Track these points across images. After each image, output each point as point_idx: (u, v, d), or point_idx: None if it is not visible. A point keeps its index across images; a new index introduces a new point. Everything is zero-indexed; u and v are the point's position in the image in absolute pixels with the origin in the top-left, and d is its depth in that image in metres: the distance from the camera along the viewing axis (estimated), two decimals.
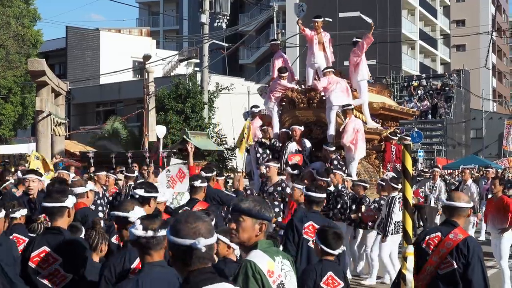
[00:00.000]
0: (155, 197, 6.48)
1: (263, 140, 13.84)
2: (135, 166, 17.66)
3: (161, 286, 4.09)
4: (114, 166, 18.75)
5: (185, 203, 8.71)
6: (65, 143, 25.34)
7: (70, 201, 5.47)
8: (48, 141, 21.39)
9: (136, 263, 4.72)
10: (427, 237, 5.86)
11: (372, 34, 14.37)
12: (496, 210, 11.15)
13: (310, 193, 7.30)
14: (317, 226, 7.00)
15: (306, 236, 7.10)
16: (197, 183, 8.54)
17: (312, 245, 6.83)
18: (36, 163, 14.36)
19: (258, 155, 13.70)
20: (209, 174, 10.49)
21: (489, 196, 13.79)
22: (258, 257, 3.94)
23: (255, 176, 13.79)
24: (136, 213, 4.99)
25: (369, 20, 14.76)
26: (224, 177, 14.31)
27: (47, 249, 5.29)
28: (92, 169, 16.66)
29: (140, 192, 6.40)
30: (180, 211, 7.66)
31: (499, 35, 69.89)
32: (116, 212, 5.12)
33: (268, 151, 13.70)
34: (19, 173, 9.89)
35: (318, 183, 11.45)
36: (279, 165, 12.30)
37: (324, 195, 7.55)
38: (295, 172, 11.06)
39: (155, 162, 19.82)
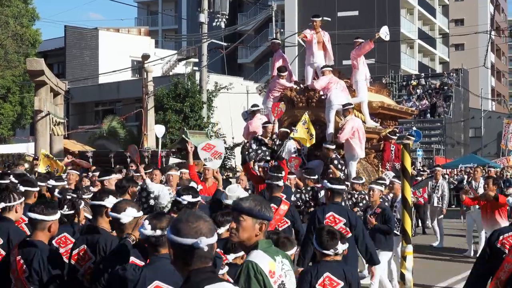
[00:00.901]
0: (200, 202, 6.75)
1: (260, 137, 13.75)
2: (132, 166, 17.64)
3: (164, 276, 4.24)
4: (112, 166, 18.75)
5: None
6: (64, 142, 25.34)
7: (109, 201, 5.50)
8: (46, 140, 21.41)
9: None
10: (501, 237, 5.99)
11: (374, 41, 14.44)
12: (491, 211, 11.16)
13: (332, 185, 7.93)
14: (337, 216, 7.76)
15: None
16: (281, 183, 9.02)
17: None
18: (46, 161, 14.37)
19: (251, 150, 13.60)
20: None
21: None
22: (259, 257, 3.93)
23: None
24: (127, 214, 5.00)
25: (385, 37, 14.70)
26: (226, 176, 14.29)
27: (85, 247, 5.43)
28: (93, 168, 16.65)
29: (188, 198, 6.64)
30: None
31: (498, 34, 69.97)
32: (110, 213, 5.14)
33: (264, 148, 13.53)
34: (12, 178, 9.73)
35: (307, 182, 11.53)
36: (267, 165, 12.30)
37: (344, 187, 8.34)
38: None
39: (154, 161, 19.79)
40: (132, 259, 4.78)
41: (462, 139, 54.15)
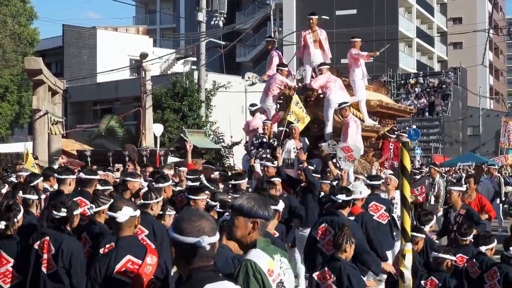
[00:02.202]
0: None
1: (261, 135, 13.75)
2: (129, 166, 17.65)
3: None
4: (111, 164, 18.74)
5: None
6: (62, 141, 25.30)
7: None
8: (45, 139, 21.37)
9: (121, 263, 4.71)
10: None
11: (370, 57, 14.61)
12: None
13: (371, 181, 9.95)
14: (378, 204, 9.74)
15: (371, 212, 9.45)
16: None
17: (377, 219, 9.51)
18: (33, 160, 14.33)
19: (252, 147, 13.64)
20: None
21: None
22: (257, 256, 3.93)
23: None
24: (124, 213, 4.95)
25: (378, 52, 15.11)
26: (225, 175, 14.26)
27: None
28: (94, 167, 16.61)
29: (342, 197, 7.27)
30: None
31: (496, 32, 69.97)
32: (106, 212, 5.11)
33: (264, 146, 13.52)
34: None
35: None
36: (275, 164, 12.30)
37: (380, 182, 10.24)
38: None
39: (150, 160, 19.79)
40: (129, 257, 4.75)
41: (460, 138, 54.23)
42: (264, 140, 13.51)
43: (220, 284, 3.22)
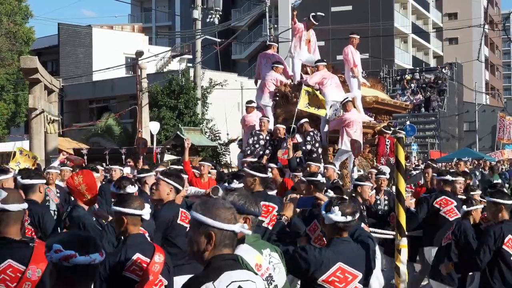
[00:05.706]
0: None
1: (258, 131, 13.74)
2: (129, 162, 17.64)
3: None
4: (107, 163, 18.76)
5: None
6: (59, 140, 25.31)
7: None
8: (41, 138, 21.39)
9: (131, 261, 4.71)
10: None
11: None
12: None
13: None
14: (449, 199, 9.30)
15: None
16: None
17: None
18: (19, 158, 14.25)
19: (247, 144, 13.68)
20: None
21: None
22: (244, 250, 3.97)
23: None
24: (147, 211, 4.92)
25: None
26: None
27: None
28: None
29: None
30: None
31: (491, 28, 69.90)
32: (114, 207, 5.02)
33: (261, 142, 13.50)
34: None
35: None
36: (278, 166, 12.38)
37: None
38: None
39: (147, 157, 19.77)
40: (138, 255, 4.75)
41: (456, 133, 54.30)
42: (261, 136, 13.52)
43: (240, 272, 3.24)
